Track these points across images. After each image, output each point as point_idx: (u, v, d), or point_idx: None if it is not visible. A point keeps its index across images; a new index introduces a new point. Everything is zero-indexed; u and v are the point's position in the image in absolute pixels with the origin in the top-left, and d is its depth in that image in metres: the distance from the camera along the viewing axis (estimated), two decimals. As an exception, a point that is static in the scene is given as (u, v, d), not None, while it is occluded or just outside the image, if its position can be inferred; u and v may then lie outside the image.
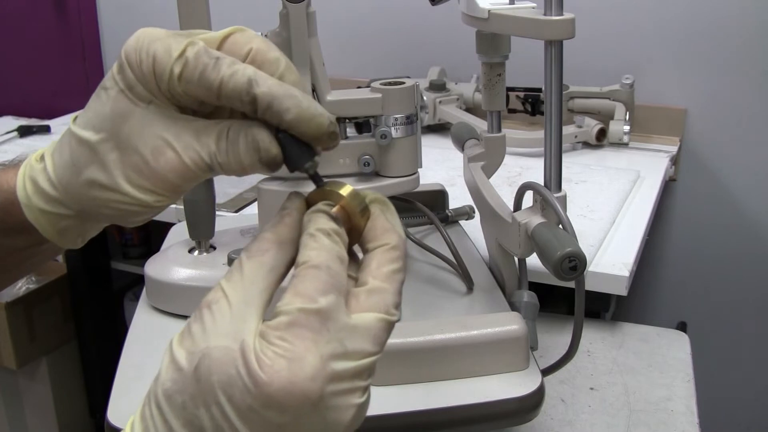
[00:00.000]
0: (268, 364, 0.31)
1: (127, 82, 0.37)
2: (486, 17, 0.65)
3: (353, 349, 0.33)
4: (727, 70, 1.51)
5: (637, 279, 1.03)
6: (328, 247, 0.35)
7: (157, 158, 0.37)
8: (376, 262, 0.36)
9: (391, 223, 0.37)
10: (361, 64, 1.78)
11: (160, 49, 0.37)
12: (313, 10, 0.67)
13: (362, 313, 0.34)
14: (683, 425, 0.78)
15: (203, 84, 0.36)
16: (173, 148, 0.37)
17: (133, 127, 0.37)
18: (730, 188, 1.57)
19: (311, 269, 0.34)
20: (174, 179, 0.37)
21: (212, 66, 0.36)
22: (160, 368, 0.34)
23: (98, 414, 1.74)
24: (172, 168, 0.37)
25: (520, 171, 1.29)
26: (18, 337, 1.56)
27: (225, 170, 0.38)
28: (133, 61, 0.37)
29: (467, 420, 0.58)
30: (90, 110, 0.39)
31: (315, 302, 0.33)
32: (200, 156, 0.37)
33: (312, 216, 0.36)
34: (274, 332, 0.32)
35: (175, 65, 0.36)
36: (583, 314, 0.61)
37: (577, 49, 0.89)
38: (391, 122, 0.67)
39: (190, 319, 0.34)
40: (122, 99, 0.38)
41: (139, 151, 0.37)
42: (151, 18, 1.97)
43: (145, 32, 0.38)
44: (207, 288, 0.70)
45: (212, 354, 0.32)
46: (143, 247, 1.75)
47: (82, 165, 0.38)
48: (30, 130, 1.68)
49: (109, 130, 0.38)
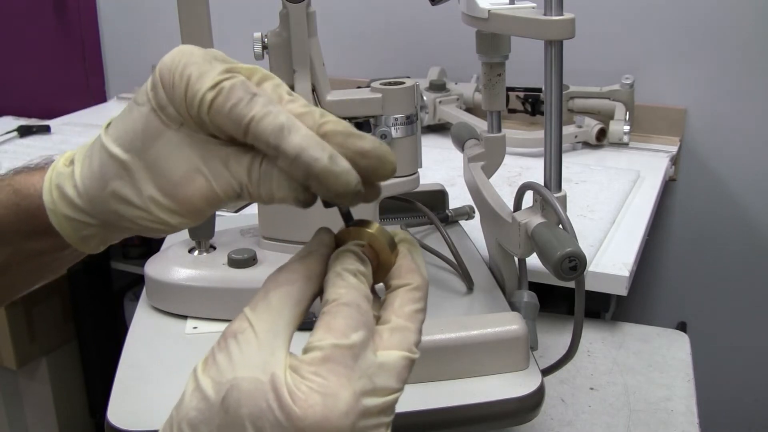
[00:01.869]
0: (302, 399, 0.32)
1: (158, 102, 0.36)
2: (486, 17, 0.65)
3: (381, 386, 0.34)
4: (727, 70, 1.51)
5: (637, 279, 1.03)
6: (357, 286, 0.35)
7: (186, 183, 0.36)
8: (399, 301, 0.37)
9: (417, 264, 0.38)
10: (361, 64, 1.78)
11: (195, 73, 0.35)
12: (313, 10, 0.67)
13: (387, 350, 0.35)
14: (683, 425, 0.78)
15: (233, 118, 0.35)
16: (204, 174, 0.36)
17: (163, 149, 0.37)
18: (730, 188, 1.57)
19: (342, 306, 0.34)
20: (201, 205, 0.37)
21: (246, 102, 0.35)
22: (183, 395, 0.33)
23: (98, 414, 1.74)
24: (201, 195, 0.37)
25: (520, 171, 1.29)
26: (18, 337, 1.56)
27: (254, 199, 0.37)
28: (166, 81, 0.36)
29: (467, 420, 0.58)
30: (121, 122, 0.38)
31: (348, 338, 0.33)
32: (231, 185, 0.36)
33: (342, 255, 0.36)
34: (309, 367, 0.32)
35: (208, 93, 0.35)
36: (583, 314, 0.61)
37: (577, 49, 0.89)
38: (391, 122, 0.67)
39: (214, 348, 0.34)
40: (154, 118, 0.37)
41: (168, 173, 0.37)
42: (151, 18, 1.98)
43: (182, 51, 0.36)
44: (207, 288, 0.71)
45: (241, 385, 0.32)
46: (143, 247, 1.75)
47: (110, 178, 0.37)
48: (30, 130, 1.67)
49: (139, 148, 0.37)
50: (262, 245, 0.73)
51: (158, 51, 0.39)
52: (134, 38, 2.04)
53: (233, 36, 1.07)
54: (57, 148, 1.59)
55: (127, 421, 0.56)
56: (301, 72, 0.67)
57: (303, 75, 0.67)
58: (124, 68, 2.08)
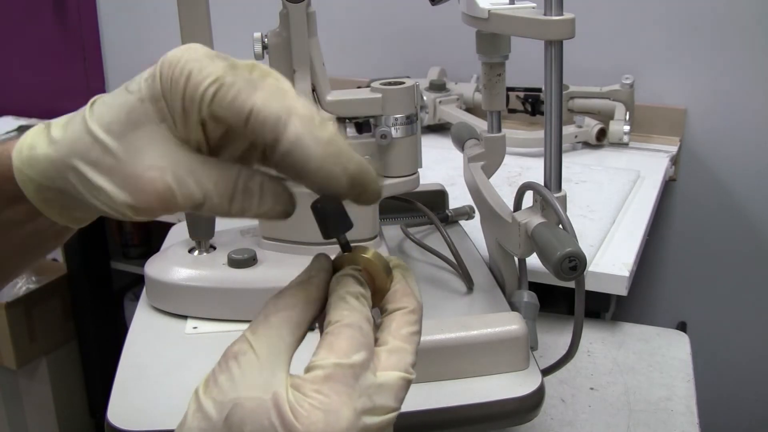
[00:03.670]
0: (305, 415, 0.32)
1: (152, 93, 0.37)
2: (486, 17, 0.65)
3: (380, 405, 0.35)
4: (727, 70, 1.51)
5: (637, 279, 1.03)
6: (359, 308, 0.37)
7: (147, 179, 0.36)
8: (396, 324, 0.38)
9: (411, 288, 0.40)
10: (361, 64, 1.78)
11: (196, 68, 0.36)
12: (313, 10, 0.67)
13: (385, 371, 0.36)
14: (683, 425, 0.78)
15: (234, 108, 0.35)
16: (167, 174, 0.36)
17: (139, 140, 0.37)
18: (730, 188, 1.57)
19: (345, 327, 0.35)
20: (155, 203, 0.37)
21: (248, 91, 0.35)
22: (185, 416, 0.34)
23: (98, 414, 1.74)
24: (158, 193, 0.36)
25: (520, 171, 1.29)
26: (18, 337, 1.57)
27: (218, 211, 0.37)
28: (165, 74, 0.36)
29: (467, 420, 0.58)
30: (107, 105, 0.38)
31: (349, 358, 0.34)
32: (192, 193, 0.36)
33: (342, 279, 0.38)
34: (311, 385, 0.33)
35: (210, 86, 0.35)
36: (583, 314, 0.61)
37: (577, 49, 0.89)
38: (391, 122, 0.67)
39: (215, 369, 0.35)
40: (140, 108, 0.37)
41: (136, 165, 0.36)
42: (151, 18, 1.98)
43: (187, 47, 0.37)
44: (207, 288, 0.71)
45: (244, 404, 0.33)
46: (143, 247, 1.76)
47: (81, 151, 0.37)
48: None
49: (117, 133, 0.37)
50: (262, 245, 0.73)
51: (158, 51, 0.39)
52: (134, 38, 2.04)
53: (233, 36, 1.07)
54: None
55: (127, 421, 0.56)
56: (301, 72, 0.67)
57: (303, 75, 0.67)
58: (124, 68, 2.08)
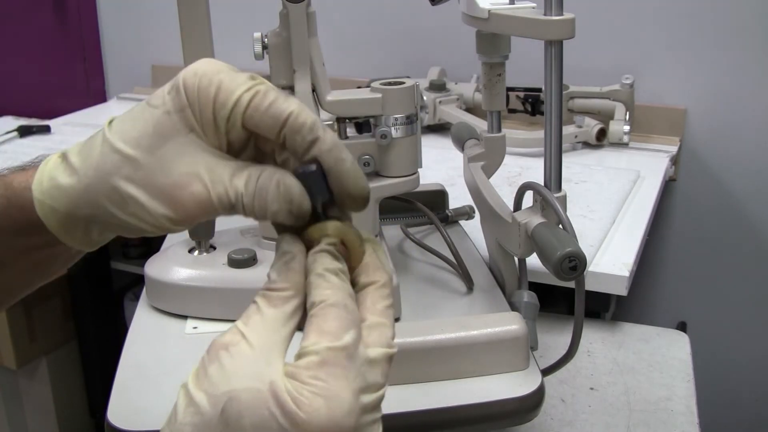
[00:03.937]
0: (306, 403, 0.32)
1: (177, 105, 0.38)
2: (486, 17, 0.65)
3: (373, 382, 0.35)
4: (727, 70, 1.51)
5: (637, 279, 1.03)
6: (340, 285, 0.36)
7: (184, 187, 0.37)
8: (371, 299, 0.38)
9: (381, 262, 0.39)
10: (361, 64, 1.78)
11: (226, 78, 0.38)
12: (313, 10, 0.67)
13: (370, 347, 0.35)
14: (683, 425, 0.78)
15: (271, 113, 0.37)
16: (203, 181, 0.38)
17: (169, 151, 0.38)
18: (730, 188, 1.57)
19: (330, 308, 0.35)
20: (194, 210, 0.38)
21: (283, 99, 0.37)
22: (174, 411, 0.33)
23: (98, 414, 1.74)
24: (196, 200, 0.38)
25: (520, 171, 1.29)
26: (18, 337, 1.56)
27: (248, 212, 0.38)
28: (190, 85, 0.38)
29: (467, 420, 0.58)
30: (129, 122, 0.39)
31: (341, 339, 0.34)
32: (227, 194, 0.37)
33: (320, 255, 0.37)
34: (307, 371, 0.33)
35: (245, 94, 0.37)
36: (583, 314, 0.61)
37: (577, 49, 0.89)
38: (391, 122, 0.67)
39: (203, 361, 0.34)
40: (167, 121, 0.38)
41: (170, 175, 0.38)
42: (151, 18, 1.97)
43: (209, 61, 0.39)
44: (207, 288, 0.71)
45: (240, 396, 0.32)
46: (143, 247, 1.75)
47: (111, 171, 0.38)
48: (30, 130, 1.67)
49: (147, 147, 0.38)
50: (262, 245, 0.73)
51: (158, 51, 0.39)
52: (134, 38, 2.04)
53: (233, 36, 1.07)
54: (57, 148, 1.58)
55: (127, 421, 0.56)
56: (301, 72, 0.67)
57: (303, 75, 0.67)
58: (124, 68, 2.08)
